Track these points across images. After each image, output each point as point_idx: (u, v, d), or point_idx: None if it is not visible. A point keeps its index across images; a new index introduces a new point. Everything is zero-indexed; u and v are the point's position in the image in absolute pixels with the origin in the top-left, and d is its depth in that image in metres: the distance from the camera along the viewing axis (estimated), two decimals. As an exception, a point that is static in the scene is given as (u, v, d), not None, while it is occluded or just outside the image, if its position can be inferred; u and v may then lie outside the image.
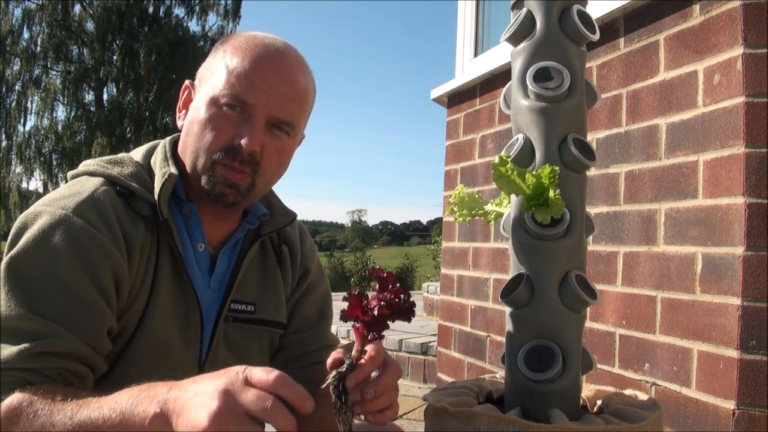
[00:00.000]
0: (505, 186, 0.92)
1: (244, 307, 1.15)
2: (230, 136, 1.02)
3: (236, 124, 1.02)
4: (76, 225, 0.96)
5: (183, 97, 1.12)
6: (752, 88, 1.61)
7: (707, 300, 1.69)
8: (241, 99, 1.02)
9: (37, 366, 0.90)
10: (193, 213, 1.09)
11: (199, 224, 1.10)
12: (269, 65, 1.04)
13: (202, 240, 1.11)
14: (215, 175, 1.04)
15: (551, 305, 0.93)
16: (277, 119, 1.05)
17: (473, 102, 3.01)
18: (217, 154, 1.03)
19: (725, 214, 1.65)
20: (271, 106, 1.03)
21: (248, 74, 1.02)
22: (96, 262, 0.96)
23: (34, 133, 18.59)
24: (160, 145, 1.14)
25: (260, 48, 1.05)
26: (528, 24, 0.98)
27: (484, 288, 2.79)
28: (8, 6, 17.84)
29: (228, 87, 1.02)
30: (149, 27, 19.18)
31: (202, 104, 1.05)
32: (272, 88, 1.03)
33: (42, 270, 0.94)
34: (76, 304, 0.94)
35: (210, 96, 1.03)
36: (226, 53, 1.05)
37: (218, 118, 1.02)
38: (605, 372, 2.03)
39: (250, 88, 1.01)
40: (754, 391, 1.56)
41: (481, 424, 0.86)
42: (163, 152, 1.10)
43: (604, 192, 2.10)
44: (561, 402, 0.91)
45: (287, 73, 1.05)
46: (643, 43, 1.99)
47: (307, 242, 1.30)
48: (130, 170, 1.07)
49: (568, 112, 0.96)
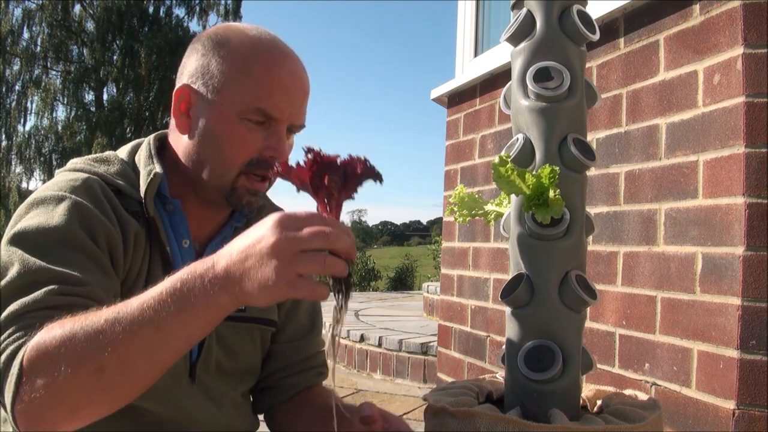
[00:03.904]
0: (505, 186, 0.92)
1: None
2: (257, 149, 1.05)
3: (261, 136, 1.04)
4: (76, 201, 0.97)
5: (180, 101, 1.09)
6: (752, 88, 1.61)
7: (707, 300, 1.69)
8: (268, 114, 1.04)
9: (65, 302, 0.87)
10: (177, 209, 1.09)
11: (183, 220, 1.10)
12: (288, 75, 1.06)
13: (186, 236, 1.10)
14: (239, 188, 1.06)
15: (551, 305, 0.93)
16: (295, 125, 1.09)
17: (473, 102, 3.01)
18: (244, 167, 1.05)
19: (725, 214, 1.65)
20: (293, 116, 1.06)
21: (273, 89, 1.03)
22: (97, 233, 0.97)
23: (34, 133, 18.60)
24: (144, 142, 1.14)
25: (276, 57, 1.06)
26: (528, 24, 0.98)
27: (484, 288, 2.79)
28: (8, 6, 17.85)
29: (254, 102, 1.03)
30: (149, 27, 19.19)
31: (222, 117, 1.04)
32: (293, 99, 1.06)
33: (52, 236, 0.93)
34: (91, 265, 0.94)
35: (232, 110, 1.03)
36: (237, 61, 1.04)
37: (244, 133, 1.04)
38: (605, 372, 2.03)
39: (277, 104, 1.04)
40: (754, 391, 1.56)
41: (481, 424, 0.86)
42: (148, 150, 1.10)
43: (604, 192, 2.10)
44: (561, 402, 0.91)
45: (300, 78, 1.08)
46: (643, 43, 1.99)
47: None
48: (116, 168, 1.07)
49: (568, 112, 0.96)
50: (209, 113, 1.05)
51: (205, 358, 1.11)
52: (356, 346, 4.04)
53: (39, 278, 0.89)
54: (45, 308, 0.86)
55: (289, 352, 1.23)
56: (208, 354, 1.11)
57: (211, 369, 1.12)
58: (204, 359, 1.10)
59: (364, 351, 3.97)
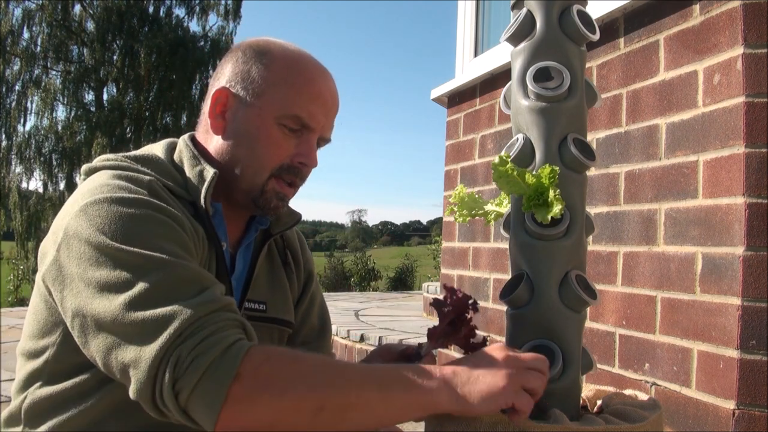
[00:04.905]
0: (505, 186, 0.92)
1: (256, 306, 1.17)
2: (289, 155, 1.08)
3: (294, 144, 1.08)
4: (154, 204, 0.94)
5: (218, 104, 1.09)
6: (752, 88, 1.61)
7: (707, 300, 1.69)
8: (305, 123, 1.07)
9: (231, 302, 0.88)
10: (218, 212, 1.11)
11: (222, 223, 1.11)
12: (327, 89, 1.10)
13: (224, 239, 1.12)
14: (268, 191, 1.08)
15: (551, 305, 0.93)
16: (324, 138, 1.13)
17: (473, 102, 3.01)
18: (276, 171, 1.08)
19: (725, 214, 1.65)
20: (325, 129, 1.11)
21: (313, 100, 1.07)
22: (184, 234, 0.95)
23: (34, 133, 18.59)
24: (180, 143, 1.13)
25: (317, 71, 1.10)
26: (528, 24, 0.98)
27: (484, 288, 2.79)
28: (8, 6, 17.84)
29: (294, 110, 1.06)
30: (149, 27, 19.18)
31: (259, 120, 1.06)
32: (328, 112, 1.10)
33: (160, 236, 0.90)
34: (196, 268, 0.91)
35: (271, 114, 1.06)
36: (281, 69, 1.07)
37: (280, 138, 1.07)
38: (605, 372, 2.03)
39: (315, 114, 1.07)
40: (754, 391, 1.56)
41: (481, 424, 0.86)
42: (189, 151, 1.10)
43: (604, 192, 2.10)
44: (561, 402, 0.91)
45: (334, 95, 1.13)
46: (643, 43, 1.99)
47: (307, 249, 1.34)
48: (163, 168, 1.06)
49: (568, 112, 0.96)
50: (247, 115, 1.07)
51: None
52: (356, 346, 4.04)
53: (189, 275, 0.87)
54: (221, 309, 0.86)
55: None
56: None
57: None
58: None
59: (364, 351, 3.97)
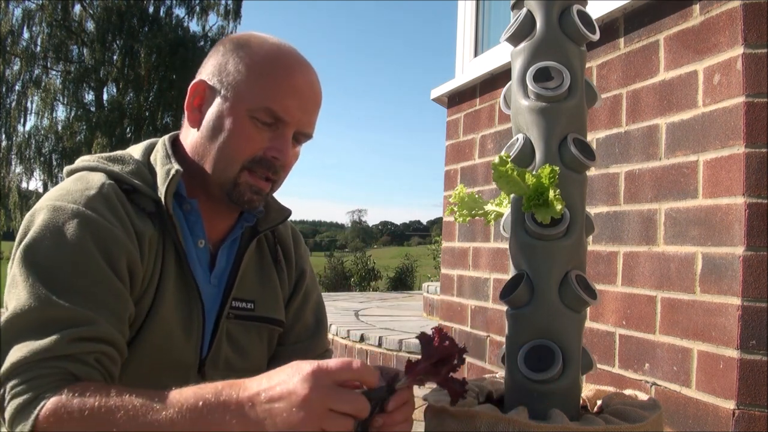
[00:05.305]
0: (505, 186, 0.92)
1: (244, 305, 1.16)
2: (261, 148, 1.07)
3: (267, 137, 1.07)
4: (90, 217, 0.97)
5: (195, 96, 1.11)
6: (752, 88, 1.61)
7: (707, 300, 1.69)
8: (277, 116, 1.06)
9: (77, 351, 0.90)
10: (194, 209, 1.11)
11: (199, 220, 1.11)
12: (304, 83, 1.08)
13: (202, 236, 1.12)
14: (241, 183, 1.07)
15: (551, 305, 0.93)
16: (303, 133, 1.11)
17: (473, 102, 3.01)
18: (247, 164, 1.07)
19: (725, 214, 1.65)
20: (302, 123, 1.09)
21: (286, 92, 1.06)
22: (113, 253, 0.97)
23: (34, 133, 18.61)
24: (159, 142, 1.15)
25: (293, 63, 1.09)
26: (528, 24, 0.98)
27: (484, 288, 2.79)
28: (8, 6, 17.85)
29: (266, 102, 1.05)
30: (149, 27, 19.19)
31: (232, 113, 1.06)
32: (304, 106, 1.08)
33: (62, 259, 0.94)
34: (102, 291, 0.94)
35: (243, 107, 1.05)
36: (255, 62, 1.07)
37: (252, 131, 1.06)
38: (605, 372, 2.03)
39: (288, 107, 1.06)
40: (754, 391, 1.56)
41: (481, 424, 0.86)
42: (164, 150, 1.11)
43: (604, 192, 2.10)
44: (561, 402, 0.91)
45: (315, 88, 1.11)
46: (643, 43, 1.99)
47: (301, 245, 1.32)
48: (132, 167, 1.08)
49: (568, 112, 0.96)
50: (220, 108, 1.07)
51: (214, 354, 1.11)
52: (356, 346, 4.04)
53: (49, 317, 0.90)
54: (55, 357, 0.88)
55: (296, 354, 1.22)
56: (217, 351, 1.12)
57: (220, 366, 1.12)
58: (213, 356, 1.11)
59: (364, 351, 3.97)
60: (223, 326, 1.13)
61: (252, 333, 1.17)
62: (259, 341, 1.19)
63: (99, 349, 0.92)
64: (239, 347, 1.15)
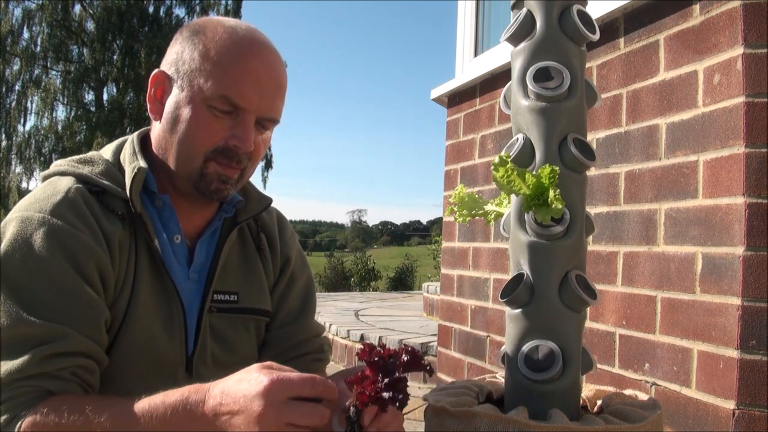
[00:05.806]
0: (505, 186, 0.92)
1: (227, 297, 1.15)
2: (223, 137, 1.04)
3: (228, 126, 1.04)
4: (56, 226, 0.97)
5: (156, 87, 1.09)
6: (752, 88, 1.61)
7: (707, 300, 1.69)
8: (234, 103, 1.03)
9: (51, 369, 0.91)
10: (166, 204, 1.09)
11: (173, 215, 1.10)
12: (260, 66, 1.04)
13: (177, 231, 1.10)
14: (208, 174, 1.05)
15: (551, 305, 0.93)
16: (266, 118, 1.07)
17: (473, 102, 3.01)
18: (210, 154, 1.04)
19: (725, 214, 1.65)
20: (263, 108, 1.05)
21: (242, 78, 1.02)
22: (82, 260, 0.97)
23: (34, 133, 18.59)
24: (128, 140, 1.13)
25: (247, 47, 1.05)
26: (528, 24, 0.98)
27: (484, 288, 2.79)
28: (8, 6, 17.84)
29: (221, 90, 1.02)
30: (149, 27, 19.17)
31: (189, 103, 1.04)
32: (264, 91, 1.04)
33: (31, 273, 0.94)
34: (73, 302, 0.95)
35: (199, 96, 1.03)
36: (209, 49, 1.04)
37: (210, 120, 1.03)
38: (605, 372, 2.03)
39: (245, 94, 1.03)
40: (754, 391, 1.56)
41: (481, 424, 0.86)
42: (131, 147, 1.10)
43: (604, 192, 2.10)
44: (561, 402, 0.91)
45: (274, 71, 1.06)
46: (643, 43, 1.99)
47: (287, 231, 1.29)
48: (101, 168, 1.07)
49: (568, 112, 0.96)
50: (178, 99, 1.05)
51: (200, 351, 1.10)
52: (356, 346, 4.04)
53: (21, 335, 0.92)
54: (29, 377, 0.90)
55: (281, 338, 1.21)
56: (203, 347, 1.11)
57: (208, 362, 1.11)
58: (200, 352, 1.10)
59: (364, 351, 3.96)
60: (206, 321, 1.11)
61: (238, 325, 1.16)
62: (246, 333, 1.17)
63: (74, 363, 0.93)
64: (225, 341, 1.14)
